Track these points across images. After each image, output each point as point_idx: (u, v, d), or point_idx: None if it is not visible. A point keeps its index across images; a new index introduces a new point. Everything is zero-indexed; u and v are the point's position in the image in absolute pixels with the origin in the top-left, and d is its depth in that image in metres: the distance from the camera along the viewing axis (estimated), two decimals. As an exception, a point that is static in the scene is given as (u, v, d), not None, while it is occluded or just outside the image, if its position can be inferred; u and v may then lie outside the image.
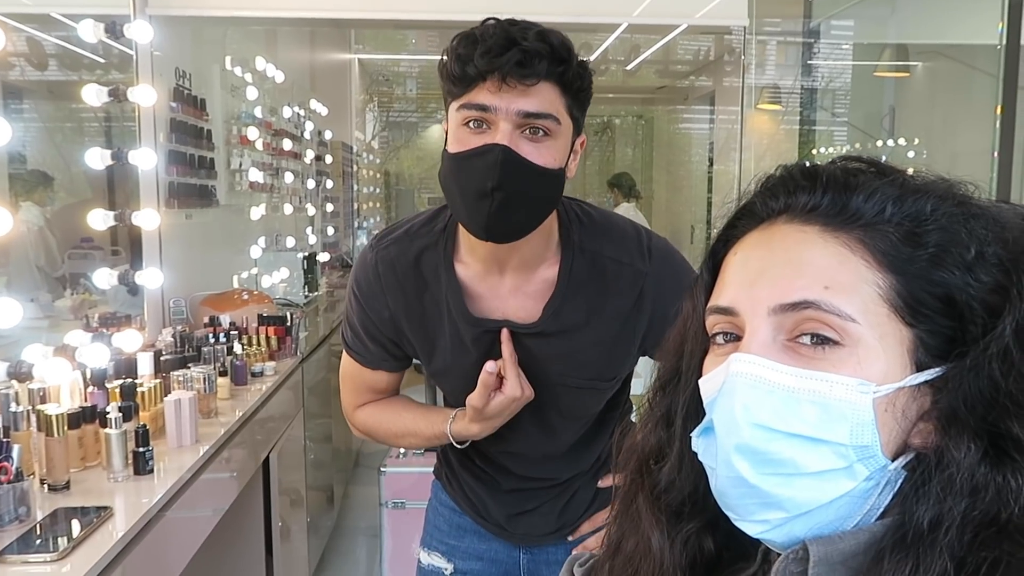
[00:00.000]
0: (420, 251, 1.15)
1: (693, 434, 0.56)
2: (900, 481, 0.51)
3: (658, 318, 1.13)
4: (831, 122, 5.87)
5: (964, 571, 0.46)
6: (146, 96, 2.17)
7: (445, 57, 1.01)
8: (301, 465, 2.65)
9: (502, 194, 0.98)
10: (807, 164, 0.57)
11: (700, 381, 0.57)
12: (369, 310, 1.18)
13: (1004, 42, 2.31)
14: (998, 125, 2.34)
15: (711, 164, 6.77)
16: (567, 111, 1.02)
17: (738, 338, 0.55)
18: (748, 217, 0.58)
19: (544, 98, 0.99)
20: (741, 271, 0.56)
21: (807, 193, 0.54)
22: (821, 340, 0.51)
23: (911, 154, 5.17)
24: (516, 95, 0.97)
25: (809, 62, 5.18)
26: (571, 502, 1.29)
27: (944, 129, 4.90)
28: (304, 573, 2.68)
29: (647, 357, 1.23)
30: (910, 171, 0.57)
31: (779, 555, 0.53)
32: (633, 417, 1.21)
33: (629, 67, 6.39)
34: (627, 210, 5.73)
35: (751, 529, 0.53)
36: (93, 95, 1.95)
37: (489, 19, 1.01)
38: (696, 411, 0.58)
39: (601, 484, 1.29)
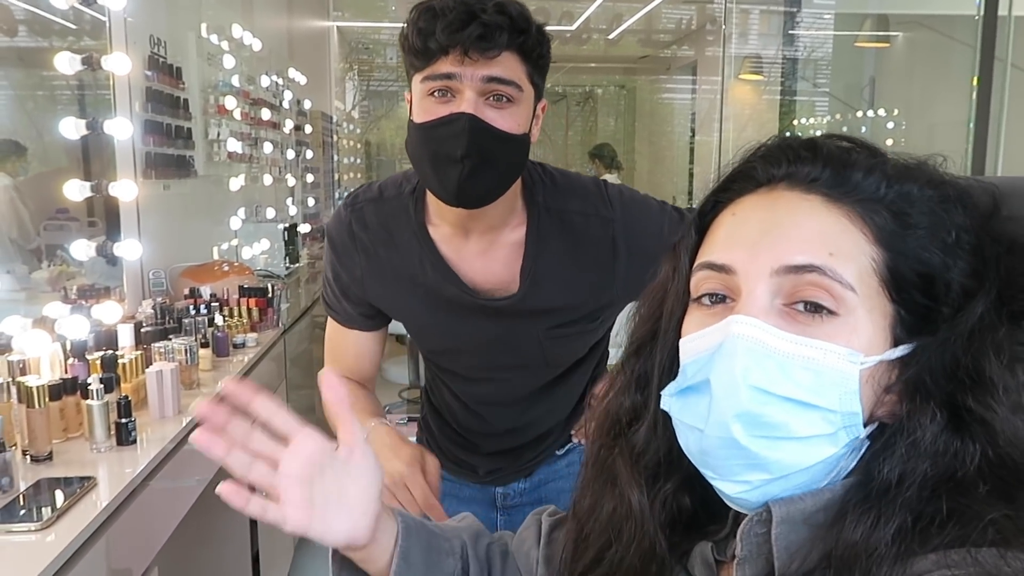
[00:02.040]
0: (393, 212, 1.17)
1: (666, 392, 0.57)
2: (864, 449, 0.53)
3: (635, 256, 1.15)
4: (812, 92, 5.88)
5: (921, 522, 0.48)
6: (121, 64, 2.14)
7: (406, 30, 1.02)
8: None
9: (471, 161, 1.00)
10: (804, 137, 0.59)
11: (682, 340, 0.57)
12: (343, 267, 1.21)
13: (981, 12, 2.33)
14: (974, 96, 2.36)
15: (693, 135, 6.78)
16: (528, 78, 1.04)
17: (725, 299, 0.55)
18: (744, 180, 0.58)
19: (506, 66, 1.01)
20: (740, 230, 0.56)
21: (809, 164, 0.56)
22: (816, 308, 0.52)
23: (890, 125, 5.20)
24: (479, 65, 0.99)
25: (791, 32, 5.18)
26: (545, 451, 1.33)
27: (923, 100, 4.93)
28: (288, 542, 2.71)
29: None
30: (890, 141, 0.58)
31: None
32: None
33: (611, 36, 6.36)
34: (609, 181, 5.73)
35: (730, 488, 0.54)
36: (66, 63, 1.91)
37: None
38: (672, 372, 0.58)
39: (575, 435, 1.33)
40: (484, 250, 1.15)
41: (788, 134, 0.60)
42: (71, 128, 1.92)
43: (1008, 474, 0.48)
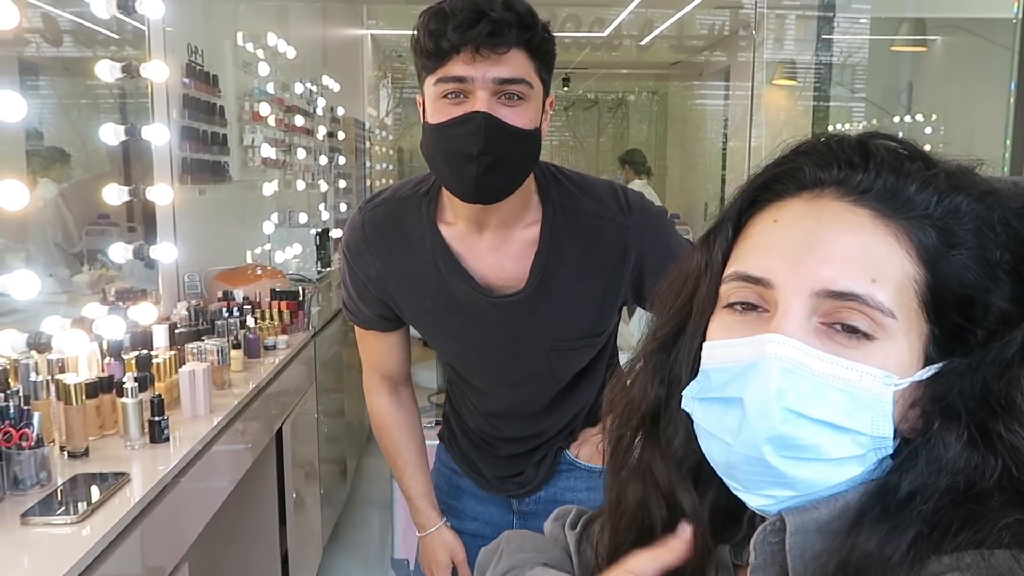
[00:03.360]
0: (405, 212, 1.20)
1: (687, 393, 0.56)
2: (886, 464, 0.52)
3: (644, 268, 1.17)
4: (848, 98, 5.80)
5: (936, 531, 0.48)
6: (158, 72, 2.19)
7: (416, 33, 1.05)
8: (314, 438, 2.70)
9: (487, 158, 1.03)
10: (854, 137, 0.55)
11: (708, 345, 0.56)
12: (358, 270, 1.24)
13: (1020, 15, 2.28)
14: (1012, 101, 2.32)
15: (726, 140, 6.72)
16: (536, 74, 1.07)
17: (756, 308, 0.54)
18: (789, 181, 0.55)
19: (516, 64, 1.03)
20: (781, 241, 0.53)
21: (861, 172, 0.52)
22: (853, 330, 0.50)
23: (928, 130, 5.10)
24: (489, 64, 1.01)
25: (825, 36, 5.11)
26: (553, 456, 1.34)
27: (962, 104, 4.83)
28: (317, 543, 2.74)
29: (643, 309, 1.26)
30: (927, 146, 0.57)
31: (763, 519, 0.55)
32: None
33: (643, 42, 6.33)
34: (639, 187, 5.71)
35: (754, 502, 0.54)
36: (106, 71, 1.97)
37: None
38: (694, 371, 0.57)
39: (573, 451, 1.33)
40: (498, 246, 1.17)
41: (853, 137, 0.56)
42: (111, 134, 1.98)
43: None
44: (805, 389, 0.50)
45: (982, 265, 0.51)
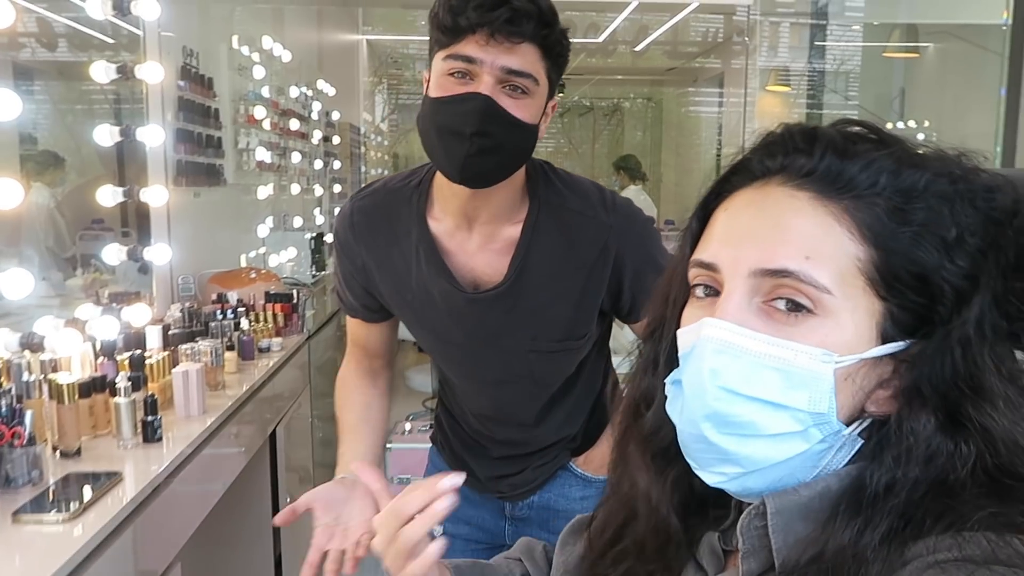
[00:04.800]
0: (394, 204, 1.20)
1: (668, 380, 0.58)
2: (858, 445, 0.53)
3: (623, 272, 1.16)
4: (842, 104, 5.83)
5: (911, 523, 0.48)
6: (153, 73, 2.20)
7: (436, 7, 1.05)
8: (308, 442, 2.70)
9: (480, 140, 1.03)
10: (808, 125, 0.57)
11: (678, 332, 0.58)
12: (346, 258, 1.25)
13: (1010, 21, 2.30)
14: (1002, 108, 2.33)
15: (720, 146, 6.75)
16: (545, 73, 1.07)
17: (717, 292, 0.56)
18: (743, 173, 0.58)
19: (527, 58, 1.03)
20: (727, 228, 0.56)
21: (804, 156, 0.54)
22: (796, 306, 0.52)
23: (921, 136, 5.12)
24: (501, 51, 1.02)
25: (817, 43, 5.14)
26: (552, 464, 1.33)
27: (954, 111, 4.86)
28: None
29: (628, 327, 1.26)
30: (920, 137, 0.57)
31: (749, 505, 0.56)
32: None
33: (638, 48, 6.36)
34: (634, 192, 5.72)
35: (709, 479, 0.56)
36: (101, 72, 1.98)
37: None
38: (673, 358, 0.59)
39: (578, 466, 1.33)
40: (484, 243, 1.17)
41: (809, 125, 0.59)
42: (105, 135, 1.98)
43: (1005, 477, 0.48)
44: (740, 368, 0.52)
45: (935, 243, 0.51)
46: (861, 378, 0.52)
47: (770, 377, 0.52)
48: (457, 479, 0.69)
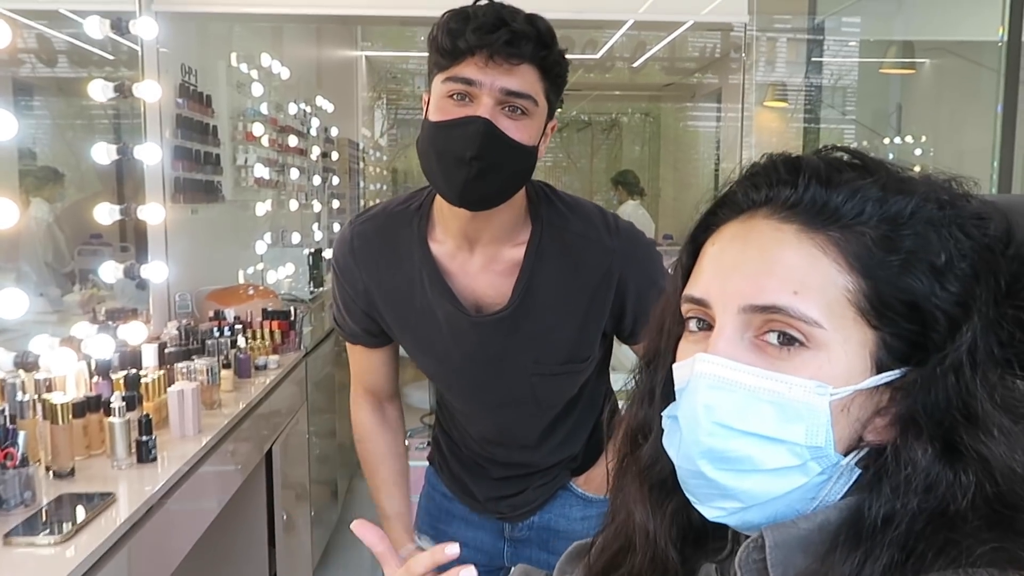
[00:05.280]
0: (395, 228, 1.20)
1: (664, 413, 0.58)
2: (856, 475, 0.53)
3: (626, 296, 1.16)
4: (839, 120, 5.85)
5: (912, 556, 0.47)
6: (151, 92, 2.20)
7: (435, 31, 1.05)
8: (305, 459, 2.68)
9: (479, 163, 1.03)
10: (791, 155, 0.57)
11: (674, 366, 0.58)
12: (346, 283, 1.24)
13: (1005, 38, 2.31)
14: (998, 124, 2.34)
15: (718, 161, 6.76)
16: (544, 94, 1.07)
17: (710, 326, 0.56)
18: (729, 206, 0.58)
19: (526, 79, 1.03)
20: (716, 263, 0.56)
21: (789, 187, 0.54)
22: (788, 339, 0.52)
23: (918, 151, 5.15)
24: (500, 73, 1.02)
25: (814, 59, 5.17)
26: (553, 484, 1.32)
27: (951, 126, 4.88)
28: (307, 565, 2.71)
29: (628, 348, 1.26)
30: (918, 168, 0.57)
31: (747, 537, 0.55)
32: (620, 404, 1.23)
33: (635, 64, 6.39)
34: (632, 207, 5.73)
35: (709, 514, 0.55)
36: (99, 91, 1.98)
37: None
38: (670, 391, 0.59)
39: (579, 485, 1.32)
40: (486, 265, 1.16)
41: (792, 154, 0.59)
42: (103, 153, 1.98)
43: (1005, 508, 0.47)
44: (734, 403, 0.52)
45: (924, 269, 0.51)
46: (857, 408, 0.52)
47: (765, 411, 0.51)
48: (456, 548, 0.69)
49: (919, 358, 0.51)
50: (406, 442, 2.81)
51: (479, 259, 1.16)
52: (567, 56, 1.10)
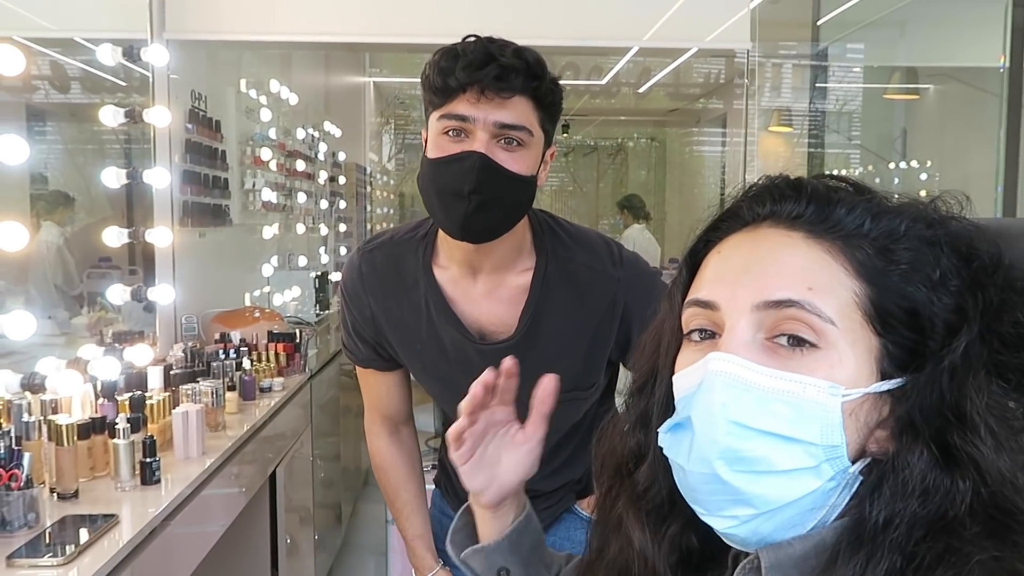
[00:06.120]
0: (401, 255, 1.21)
1: (661, 429, 0.57)
2: (856, 484, 0.53)
3: (631, 324, 1.17)
4: (844, 145, 5.87)
5: (912, 565, 0.48)
6: (161, 117, 2.24)
7: (428, 70, 1.08)
8: (309, 482, 2.68)
9: (478, 197, 1.04)
10: (791, 176, 0.60)
11: (674, 377, 0.58)
12: (354, 309, 1.26)
13: (1007, 64, 2.33)
14: (1002, 148, 2.35)
15: (723, 186, 6.78)
16: (539, 124, 1.09)
17: (713, 335, 0.56)
18: (732, 220, 0.60)
19: (519, 111, 1.05)
20: (723, 267, 0.57)
21: (792, 202, 0.56)
22: (798, 341, 0.52)
23: (923, 176, 5.16)
24: (493, 107, 1.04)
25: (819, 85, 5.20)
26: (557, 507, 1.32)
27: (956, 151, 4.90)
28: (310, 588, 2.70)
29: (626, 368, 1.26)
30: (924, 193, 0.59)
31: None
32: None
33: (641, 90, 6.44)
34: (637, 232, 5.75)
35: (719, 524, 0.54)
36: (110, 116, 2.01)
37: (469, 36, 1.07)
38: (669, 409, 0.59)
39: (583, 508, 1.32)
40: (490, 291, 1.18)
41: (790, 175, 0.61)
42: (112, 177, 2.01)
43: (999, 513, 0.48)
44: (749, 402, 0.52)
45: (923, 280, 0.53)
46: (864, 415, 0.52)
47: (780, 410, 0.52)
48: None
49: (916, 366, 0.52)
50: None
51: (482, 286, 1.18)
52: (573, 82, 1.12)
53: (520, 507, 0.81)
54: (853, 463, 0.53)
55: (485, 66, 1.02)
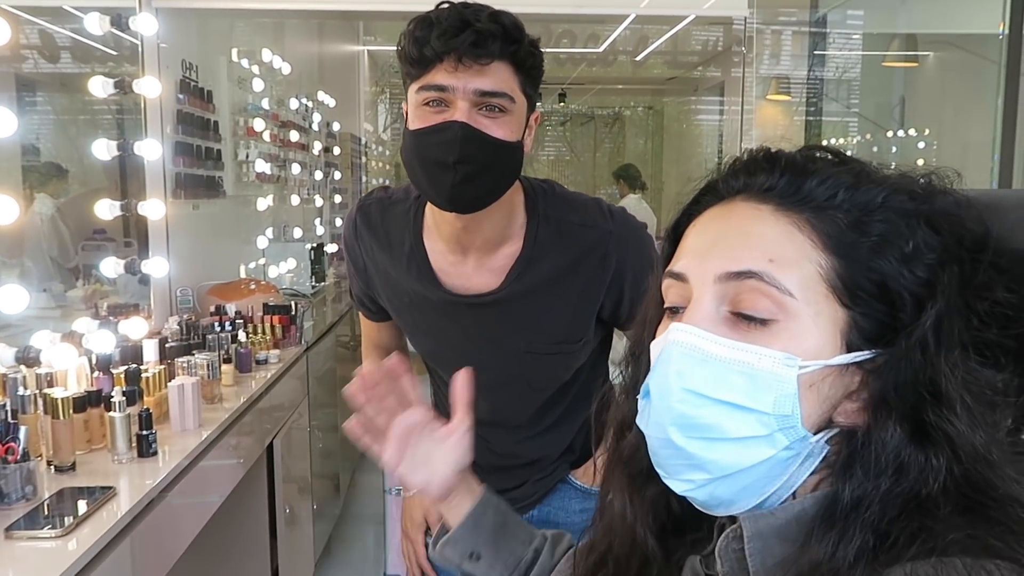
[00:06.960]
0: (394, 215, 1.23)
1: (638, 396, 0.59)
2: (824, 454, 0.54)
3: (624, 280, 1.17)
4: (843, 113, 5.83)
5: (886, 544, 0.48)
6: (151, 88, 2.21)
7: (402, 40, 1.06)
8: (307, 453, 2.70)
9: (464, 167, 1.03)
10: (770, 148, 0.60)
11: (651, 345, 0.60)
12: (350, 259, 1.30)
13: (1006, 31, 2.30)
14: (999, 117, 2.33)
15: (721, 155, 6.75)
16: (520, 88, 1.07)
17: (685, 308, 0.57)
18: (710, 194, 0.61)
19: (498, 77, 1.03)
20: (697, 240, 0.59)
21: (766, 174, 0.57)
22: (761, 322, 0.53)
23: (921, 144, 5.14)
24: (472, 75, 1.02)
25: (816, 52, 5.15)
26: (551, 478, 1.33)
27: (954, 119, 4.87)
28: (309, 559, 2.73)
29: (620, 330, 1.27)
30: (920, 161, 0.59)
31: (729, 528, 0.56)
32: None
33: (638, 58, 6.37)
34: (633, 201, 5.73)
35: (677, 487, 0.56)
36: (99, 87, 1.99)
37: (443, 2, 1.05)
38: None
39: (578, 478, 1.33)
40: (481, 264, 1.18)
41: (772, 148, 0.60)
42: (103, 149, 1.99)
43: (971, 491, 0.49)
44: (706, 372, 0.53)
45: (894, 253, 0.53)
46: (827, 387, 0.53)
47: (736, 380, 0.53)
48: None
49: (888, 340, 0.53)
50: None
51: (473, 261, 1.18)
52: (569, 50, 1.11)
53: (473, 493, 0.84)
54: (815, 433, 0.53)
55: (460, 33, 1.00)
